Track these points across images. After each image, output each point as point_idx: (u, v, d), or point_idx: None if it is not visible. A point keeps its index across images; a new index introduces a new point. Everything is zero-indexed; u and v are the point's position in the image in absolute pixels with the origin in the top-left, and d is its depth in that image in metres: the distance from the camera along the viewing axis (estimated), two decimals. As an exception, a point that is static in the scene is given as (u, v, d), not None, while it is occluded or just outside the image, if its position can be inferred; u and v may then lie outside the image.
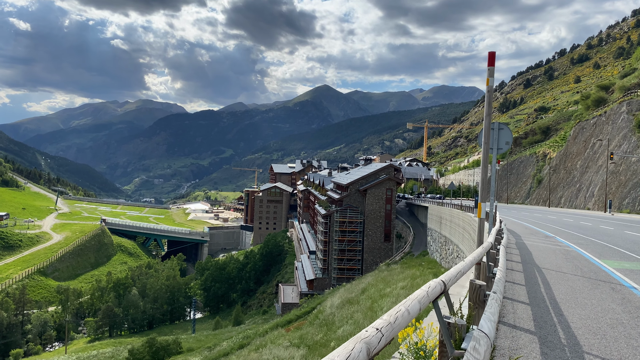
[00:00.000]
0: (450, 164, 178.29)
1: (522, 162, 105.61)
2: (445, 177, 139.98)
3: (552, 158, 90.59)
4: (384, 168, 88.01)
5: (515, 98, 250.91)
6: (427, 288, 4.43)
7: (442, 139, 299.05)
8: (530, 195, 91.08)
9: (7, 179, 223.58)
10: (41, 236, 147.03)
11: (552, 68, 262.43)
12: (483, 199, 9.50)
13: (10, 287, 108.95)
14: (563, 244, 20.78)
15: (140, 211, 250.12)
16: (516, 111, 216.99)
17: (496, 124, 12.47)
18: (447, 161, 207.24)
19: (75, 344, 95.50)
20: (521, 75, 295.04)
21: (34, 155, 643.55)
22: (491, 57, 8.59)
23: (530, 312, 8.17)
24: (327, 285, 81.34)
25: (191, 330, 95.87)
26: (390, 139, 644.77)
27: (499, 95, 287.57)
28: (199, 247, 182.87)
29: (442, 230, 56.50)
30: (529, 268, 13.30)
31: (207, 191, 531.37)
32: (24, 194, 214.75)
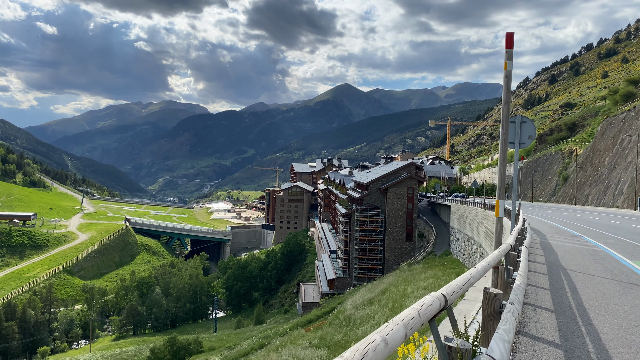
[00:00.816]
0: (474, 162, 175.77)
1: (547, 159, 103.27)
2: (468, 175, 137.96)
3: (579, 155, 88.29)
4: (405, 166, 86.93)
5: (540, 94, 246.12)
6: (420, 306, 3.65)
7: (465, 136, 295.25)
8: (555, 193, 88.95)
9: (35, 179, 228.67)
10: (67, 236, 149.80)
11: (578, 63, 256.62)
12: (501, 196, 8.82)
13: (38, 285, 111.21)
14: (591, 244, 19.83)
15: (164, 211, 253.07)
16: (541, 107, 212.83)
17: (518, 117, 11.77)
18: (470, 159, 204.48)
19: (100, 342, 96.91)
20: (546, 71, 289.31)
21: (61, 157, 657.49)
22: (509, 39, 7.92)
23: (555, 320, 7.41)
24: (348, 285, 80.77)
25: (213, 329, 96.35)
26: (412, 137, 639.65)
27: (523, 92, 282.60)
28: (221, 246, 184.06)
29: (465, 229, 55.42)
30: (553, 270, 12.50)
31: (229, 191, 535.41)
32: (51, 195, 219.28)
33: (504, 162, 8.22)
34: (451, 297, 4.31)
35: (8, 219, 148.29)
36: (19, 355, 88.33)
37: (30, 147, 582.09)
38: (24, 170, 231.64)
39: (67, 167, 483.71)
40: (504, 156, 8.13)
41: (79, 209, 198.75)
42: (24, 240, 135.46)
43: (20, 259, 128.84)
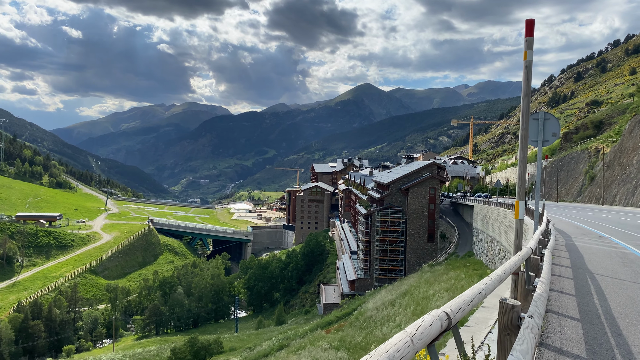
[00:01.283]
0: (497, 162, 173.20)
1: (572, 158, 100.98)
2: (491, 175, 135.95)
3: (606, 153, 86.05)
4: (427, 166, 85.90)
5: (565, 92, 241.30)
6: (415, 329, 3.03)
7: (489, 135, 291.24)
8: (582, 193, 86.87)
9: (61, 181, 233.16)
10: (92, 236, 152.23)
11: (605, 60, 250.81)
12: (521, 197, 8.26)
13: (63, 285, 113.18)
14: (619, 246, 19.01)
15: (187, 211, 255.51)
16: (566, 106, 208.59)
17: (541, 114, 11.19)
18: (493, 158, 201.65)
19: (124, 341, 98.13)
20: (571, 68, 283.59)
21: (86, 158, 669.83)
22: (529, 26, 7.37)
23: (581, 330, 6.81)
24: (369, 286, 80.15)
25: (234, 329, 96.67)
26: (434, 136, 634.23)
27: (547, 90, 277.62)
28: (242, 246, 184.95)
29: (488, 230, 54.48)
30: (579, 274, 11.84)
31: (250, 191, 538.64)
32: (76, 195, 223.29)
33: (524, 160, 7.68)
34: (456, 316, 3.72)
35: (35, 219, 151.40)
36: (45, 354, 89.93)
37: (56, 149, 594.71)
38: (50, 171, 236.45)
39: (91, 169, 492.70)
40: (524, 154, 7.60)
41: (103, 210, 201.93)
42: (50, 241, 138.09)
43: (46, 258, 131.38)
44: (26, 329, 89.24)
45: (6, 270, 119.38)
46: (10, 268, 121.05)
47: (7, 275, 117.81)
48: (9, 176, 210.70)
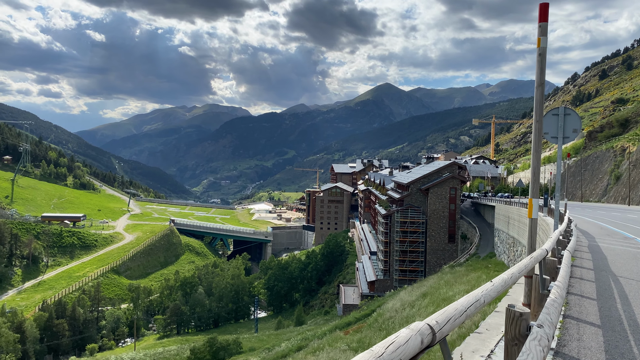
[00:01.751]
0: (520, 161, 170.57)
1: (597, 157, 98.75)
2: (514, 175, 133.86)
3: (632, 152, 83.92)
4: (447, 166, 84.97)
5: (589, 90, 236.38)
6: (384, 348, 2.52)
7: (511, 135, 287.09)
8: (607, 192, 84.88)
9: (85, 182, 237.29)
10: (115, 236, 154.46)
11: (631, 57, 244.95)
12: (534, 194, 7.88)
13: (87, 284, 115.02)
14: (645, 248, 18.33)
15: (207, 212, 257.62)
16: (591, 104, 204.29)
17: (561, 109, 10.78)
18: (516, 158, 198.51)
19: (146, 341, 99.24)
20: (596, 66, 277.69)
21: (109, 159, 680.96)
22: (543, 11, 6.99)
23: (602, 338, 6.30)
24: (389, 287, 79.58)
25: (254, 329, 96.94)
26: (455, 136, 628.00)
27: (571, 88, 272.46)
28: (262, 246, 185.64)
29: (510, 230, 53.67)
30: (602, 277, 11.32)
31: (270, 192, 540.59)
32: (99, 196, 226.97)
33: (538, 155, 7.30)
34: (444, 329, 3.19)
35: (59, 220, 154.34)
36: (69, 352, 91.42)
37: (80, 150, 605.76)
38: (74, 173, 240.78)
39: (115, 170, 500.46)
40: (537, 148, 7.21)
41: (125, 210, 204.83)
42: (74, 241, 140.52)
43: (70, 258, 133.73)
44: (51, 328, 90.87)
45: (32, 269, 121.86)
46: (35, 267, 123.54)
47: (33, 275, 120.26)
48: (34, 177, 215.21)
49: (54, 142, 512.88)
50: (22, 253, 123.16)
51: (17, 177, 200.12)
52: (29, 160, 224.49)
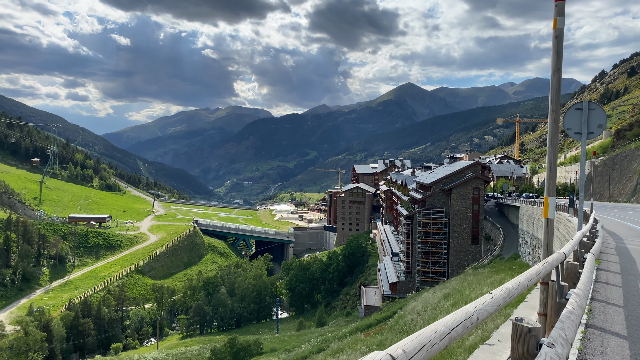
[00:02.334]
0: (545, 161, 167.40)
1: (626, 156, 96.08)
2: (539, 175, 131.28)
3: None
4: (471, 166, 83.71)
5: (618, 88, 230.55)
6: None
7: (536, 134, 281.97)
8: (636, 192, 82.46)
9: (110, 183, 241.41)
10: (139, 237, 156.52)
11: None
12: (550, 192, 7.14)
13: (112, 284, 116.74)
14: (677, 250, 17.47)
15: (230, 212, 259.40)
16: (619, 102, 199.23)
17: (585, 103, 10.22)
18: (541, 158, 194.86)
19: (169, 340, 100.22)
20: (625, 63, 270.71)
21: (135, 161, 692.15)
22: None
23: (628, 351, 5.67)
24: (411, 289, 78.74)
25: (276, 329, 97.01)
26: (479, 136, 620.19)
27: (598, 86, 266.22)
28: (284, 247, 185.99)
29: (535, 231, 52.58)
30: (630, 281, 10.59)
31: (292, 192, 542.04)
32: (124, 198, 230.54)
33: (555, 149, 6.73)
34: (414, 358, 2.42)
35: (85, 221, 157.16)
36: (95, 351, 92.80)
37: (107, 152, 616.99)
38: (100, 174, 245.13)
39: (140, 172, 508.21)
40: (554, 141, 6.66)
41: (150, 211, 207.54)
42: (100, 241, 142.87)
43: (96, 258, 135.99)
44: (77, 327, 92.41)
45: (59, 269, 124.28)
46: (62, 267, 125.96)
47: (60, 275, 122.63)
48: (62, 179, 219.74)
49: (81, 144, 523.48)
50: (50, 253, 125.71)
51: (45, 179, 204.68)
52: (57, 163, 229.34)
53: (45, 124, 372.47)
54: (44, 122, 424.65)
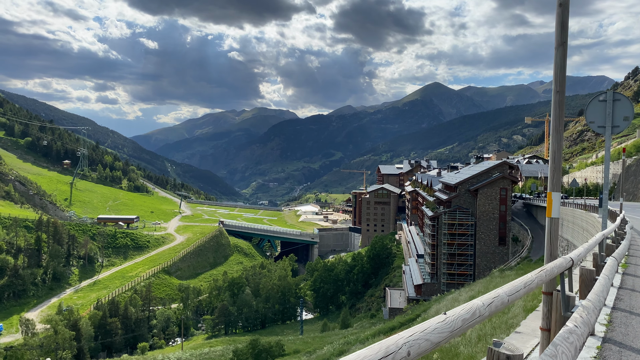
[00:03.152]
0: (576, 160, 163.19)
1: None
2: (569, 175, 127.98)
3: (701, 149, 78.21)
4: (497, 166, 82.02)
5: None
6: None
7: (566, 133, 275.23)
8: (672, 192, 79.37)
9: (139, 185, 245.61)
10: (166, 237, 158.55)
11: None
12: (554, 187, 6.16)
13: (139, 284, 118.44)
14: None
15: (255, 213, 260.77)
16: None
17: (609, 94, 9.47)
18: (572, 157, 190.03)
19: (194, 340, 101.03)
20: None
21: (163, 163, 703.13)
22: None
23: None
24: (436, 291, 77.51)
25: (299, 331, 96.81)
26: (507, 135, 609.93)
27: (632, 83, 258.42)
28: (309, 248, 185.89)
29: (564, 232, 51.12)
30: (661, 288, 9.93)
31: (317, 193, 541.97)
32: (152, 199, 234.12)
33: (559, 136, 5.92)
34: None
35: (114, 221, 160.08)
36: (122, 350, 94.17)
37: (135, 155, 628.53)
38: (129, 176, 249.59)
39: (168, 173, 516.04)
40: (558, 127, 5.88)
41: (177, 212, 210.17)
42: (127, 242, 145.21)
43: (124, 259, 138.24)
44: (104, 326, 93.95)
45: (88, 269, 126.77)
46: (91, 267, 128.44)
47: (89, 275, 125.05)
48: (91, 181, 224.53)
49: (110, 146, 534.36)
50: (79, 253, 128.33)
51: (75, 181, 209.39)
52: (87, 164, 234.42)
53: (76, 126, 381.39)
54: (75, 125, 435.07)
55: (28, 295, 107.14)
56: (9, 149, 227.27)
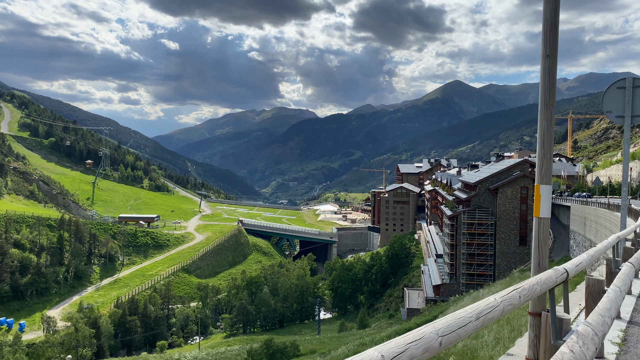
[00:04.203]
0: (600, 159, 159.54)
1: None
2: (593, 173, 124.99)
3: None
4: (518, 164, 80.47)
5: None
6: None
7: (590, 131, 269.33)
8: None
9: (160, 184, 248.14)
10: (186, 236, 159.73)
11: None
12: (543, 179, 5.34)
13: (158, 283, 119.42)
14: None
15: (274, 212, 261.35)
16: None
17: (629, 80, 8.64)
18: (596, 155, 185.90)
19: (213, 339, 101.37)
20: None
21: (184, 163, 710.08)
22: None
23: None
24: (455, 292, 76.34)
25: (317, 331, 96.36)
26: (530, 133, 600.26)
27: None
28: (328, 247, 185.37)
29: (587, 232, 49.71)
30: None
31: (337, 193, 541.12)
32: (173, 198, 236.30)
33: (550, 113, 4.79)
34: None
35: (135, 220, 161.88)
36: (141, 348, 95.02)
37: (157, 154, 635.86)
38: (150, 175, 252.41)
39: (188, 173, 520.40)
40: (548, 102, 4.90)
41: (197, 211, 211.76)
42: (148, 241, 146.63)
43: (144, 257, 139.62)
44: (124, 324, 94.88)
45: (109, 268, 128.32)
46: (112, 266, 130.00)
47: (110, 273, 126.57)
48: (113, 180, 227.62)
49: (133, 146, 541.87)
50: (100, 252, 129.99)
51: (97, 180, 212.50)
52: (109, 164, 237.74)
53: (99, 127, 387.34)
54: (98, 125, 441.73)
55: (50, 293, 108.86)
56: (33, 149, 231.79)
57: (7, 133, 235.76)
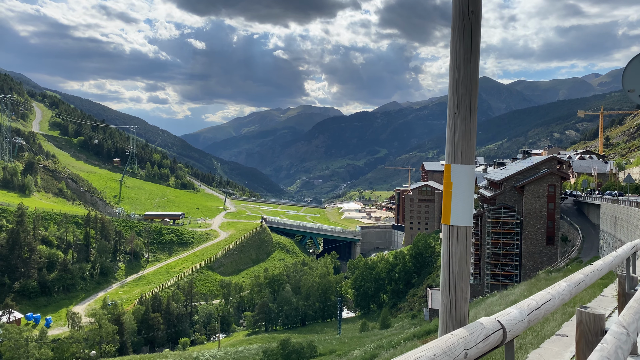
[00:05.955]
0: (633, 156, 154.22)
1: None
2: (625, 171, 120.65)
3: None
4: (545, 161, 77.98)
5: None
6: None
7: (624, 127, 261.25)
8: None
9: (185, 182, 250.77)
10: (210, 234, 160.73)
11: None
12: (455, 158, 3.51)
13: (182, 280, 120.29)
14: None
15: (298, 210, 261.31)
16: None
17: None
18: (629, 152, 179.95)
19: (235, 337, 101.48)
20: None
21: (210, 161, 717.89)
22: None
23: None
24: (479, 292, 74.46)
25: (338, 330, 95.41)
26: (560, 130, 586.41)
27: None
28: (351, 245, 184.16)
29: (617, 232, 47.47)
30: None
31: (361, 191, 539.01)
32: (198, 196, 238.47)
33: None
34: None
35: (160, 218, 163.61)
36: (164, 345, 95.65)
37: (184, 153, 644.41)
38: (176, 173, 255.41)
39: (215, 171, 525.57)
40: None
41: (222, 209, 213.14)
42: (173, 238, 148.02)
43: (169, 254, 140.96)
44: (147, 321, 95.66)
45: (134, 264, 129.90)
46: (137, 263, 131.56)
47: (135, 270, 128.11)
48: (140, 178, 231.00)
49: (160, 145, 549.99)
50: (126, 249, 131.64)
51: (124, 178, 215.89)
52: (135, 162, 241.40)
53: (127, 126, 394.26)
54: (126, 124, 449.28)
55: (77, 289, 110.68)
56: (63, 148, 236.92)
57: (38, 132, 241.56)
